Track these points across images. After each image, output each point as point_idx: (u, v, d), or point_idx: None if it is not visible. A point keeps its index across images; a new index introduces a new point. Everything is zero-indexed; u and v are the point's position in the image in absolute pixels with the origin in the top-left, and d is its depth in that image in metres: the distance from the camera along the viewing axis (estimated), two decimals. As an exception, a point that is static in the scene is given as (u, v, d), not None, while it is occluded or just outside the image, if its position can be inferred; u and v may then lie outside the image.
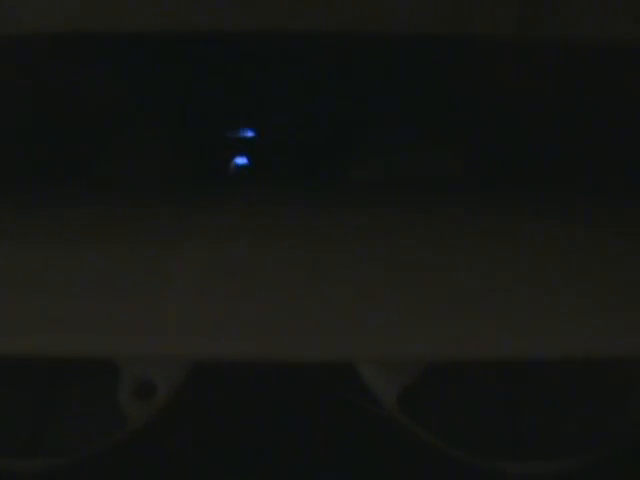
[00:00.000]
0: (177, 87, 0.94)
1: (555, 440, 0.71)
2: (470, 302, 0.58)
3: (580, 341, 0.58)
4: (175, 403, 0.71)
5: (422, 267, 0.60)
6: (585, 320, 0.58)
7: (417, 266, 0.60)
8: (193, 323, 0.59)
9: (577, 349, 0.58)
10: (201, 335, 0.59)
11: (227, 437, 0.80)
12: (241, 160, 0.92)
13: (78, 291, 0.59)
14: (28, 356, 0.65)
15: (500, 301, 0.58)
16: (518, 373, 0.72)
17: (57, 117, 0.74)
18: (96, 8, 0.53)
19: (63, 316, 0.59)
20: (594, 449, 0.71)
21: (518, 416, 0.72)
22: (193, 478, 0.75)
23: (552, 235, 0.61)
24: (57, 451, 0.71)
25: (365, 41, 0.93)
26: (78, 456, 0.71)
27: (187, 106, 0.95)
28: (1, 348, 0.61)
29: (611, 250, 0.60)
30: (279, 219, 0.62)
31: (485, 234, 0.61)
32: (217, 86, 0.94)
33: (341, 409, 0.80)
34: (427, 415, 0.71)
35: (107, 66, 0.77)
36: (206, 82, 0.94)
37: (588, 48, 0.69)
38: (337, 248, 0.61)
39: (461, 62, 0.75)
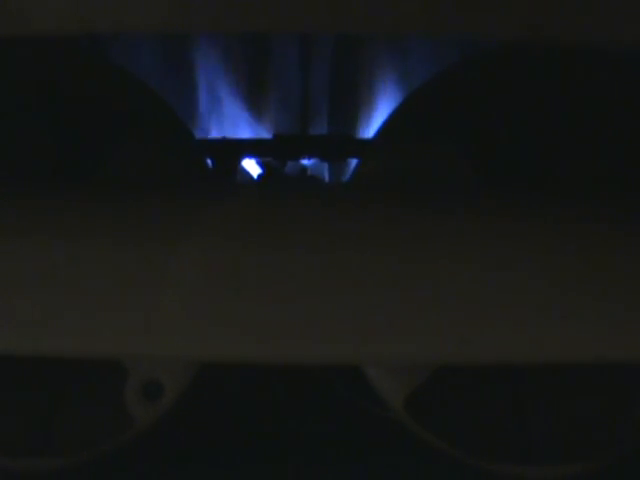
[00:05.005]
0: (180, 87, 0.94)
1: (562, 444, 0.72)
2: (476, 305, 0.59)
3: (590, 345, 0.58)
4: (182, 404, 0.71)
5: (426, 269, 0.60)
6: (593, 324, 0.58)
7: (421, 268, 0.60)
8: (198, 324, 0.59)
9: (586, 353, 0.59)
10: (207, 337, 0.59)
11: (231, 438, 0.80)
12: (243, 161, 0.92)
13: (84, 291, 0.59)
14: (35, 356, 0.65)
15: (506, 303, 0.59)
16: (525, 377, 0.72)
17: (58, 117, 0.74)
18: (103, 9, 0.53)
19: (70, 316, 0.59)
20: (599, 453, 0.72)
21: (526, 420, 0.72)
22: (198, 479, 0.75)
23: (554, 236, 0.61)
24: (64, 451, 0.71)
25: (366, 40, 0.94)
26: (85, 456, 0.71)
27: (187, 107, 0.95)
28: (9, 348, 0.61)
29: (612, 250, 0.61)
30: (280, 219, 0.62)
31: (488, 235, 0.61)
32: (218, 87, 0.94)
33: (347, 411, 0.80)
34: (434, 418, 0.71)
35: (112, 65, 0.76)
36: (208, 82, 0.94)
37: (589, 51, 0.69)
38: (341, 249, 0.60)
39: (467, 63, 0.75)
